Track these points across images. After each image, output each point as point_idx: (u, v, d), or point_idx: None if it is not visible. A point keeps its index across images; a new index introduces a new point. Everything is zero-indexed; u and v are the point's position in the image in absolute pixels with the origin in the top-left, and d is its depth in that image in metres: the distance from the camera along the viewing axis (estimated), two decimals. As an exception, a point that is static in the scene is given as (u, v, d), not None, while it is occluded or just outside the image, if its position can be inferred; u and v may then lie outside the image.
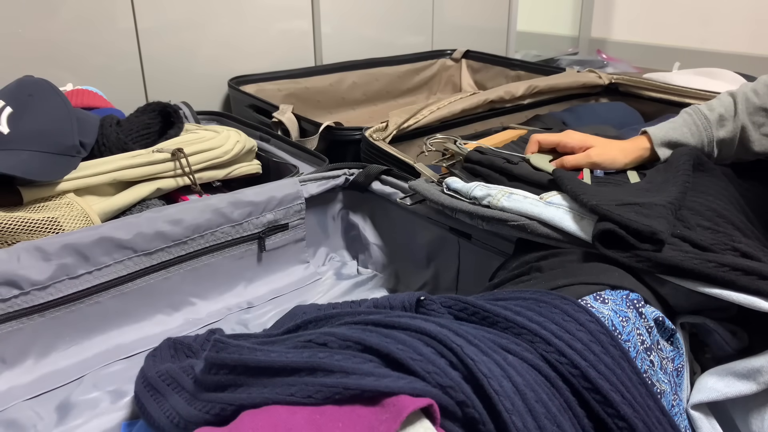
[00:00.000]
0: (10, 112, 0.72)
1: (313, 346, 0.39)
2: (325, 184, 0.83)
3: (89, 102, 0.96)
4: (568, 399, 0.38)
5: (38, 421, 0.57)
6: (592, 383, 0.38)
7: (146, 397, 0.48)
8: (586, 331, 0.40)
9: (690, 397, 0.48)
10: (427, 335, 0.38)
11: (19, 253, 0.59)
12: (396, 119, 0.97)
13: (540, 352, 0.39)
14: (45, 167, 0.70)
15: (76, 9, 1.08)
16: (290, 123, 1.05)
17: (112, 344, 0.66)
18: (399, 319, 0.40)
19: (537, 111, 1.21)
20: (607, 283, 0.48)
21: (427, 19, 1.70)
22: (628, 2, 2.44)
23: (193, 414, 0.40)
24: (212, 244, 0.72)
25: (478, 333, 0.40)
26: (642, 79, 1.25)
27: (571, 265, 0.51)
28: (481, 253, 0.71)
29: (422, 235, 0.79)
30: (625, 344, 0.42)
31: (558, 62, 2.18)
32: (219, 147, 0.83)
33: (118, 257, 0.64)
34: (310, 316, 0.47)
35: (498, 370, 0.36)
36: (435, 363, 0.35)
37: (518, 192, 0.60)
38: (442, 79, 1.67)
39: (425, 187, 0.70)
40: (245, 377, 0.39)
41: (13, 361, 0.60)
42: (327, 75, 1.42)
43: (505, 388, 0.35)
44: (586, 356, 0.39)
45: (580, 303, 0.43)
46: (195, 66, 1.27)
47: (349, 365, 0.35)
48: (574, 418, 0.37)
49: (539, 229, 0.55)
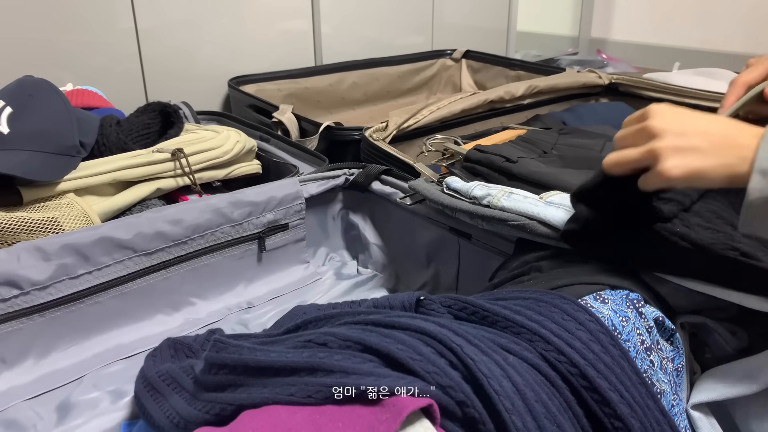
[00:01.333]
0: (10, 112, 0.72)
1: (313, 346, 0.39)
2: (325, 184, 0.83)
3: (89, 102, 0.96)
4: (567, 398, 0.38)
5: (38, 421, 0.57)
6: (591, 382, 0.38)
7: (146, 397, 0.48)
8: (586, 330, 0.40)
9: (690, 397, 0.48)
10: (427, 335, 0.38)
11: (19, 253, 0.59)
12: (396, 119, 0.97)
13: (539, 351, 0.39)
14: (45, 167, 0.70)
15: (76, 9, 1.08)
16: (290, 123, 1.05)
17: (112, 344, 0.66)
18: (399, 319, 0.40)
19: (537, 111, 1.21)
20: (607, 283, 0.48)
21: (427, 19, 1.70)
22: (628, 2, 2.44)
23: (193, 414, 0.40)
24: (212, 244, 0.72)
25: (477, 332, 0.40)
26: (642, 79, 1.25)
27: (571, 265, 0.51)
28: (481, 253, 0.71)
29: (422, 235, 0.79)
30: (624, 344, 0.42)
31: (558, 62, 2.18)
32: (219, 147, 0.83)
33: (118, 257, 0.64)
34: (310, 316, 0.47)
35: (498, 369, 0.36)
36: (435, 363, 0.35)
37: (518, 192, 0.60)
38: (442, 79, 1.67)
39: (425, 186, 0.70)
40: (245, 377, 0.39)
41: (13, 361, 0.60)
42: (327, 75, 1.42)
43: (504, 388, 0.35)
44: (585, 355, 0.39)
45: (579, 302, 0.43)
46: (195, 66, 1.27)
47: (349, 365, 0.35)
48: (574, 418, 0.37)
49: (539, 229, 0.55)
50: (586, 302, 0.45)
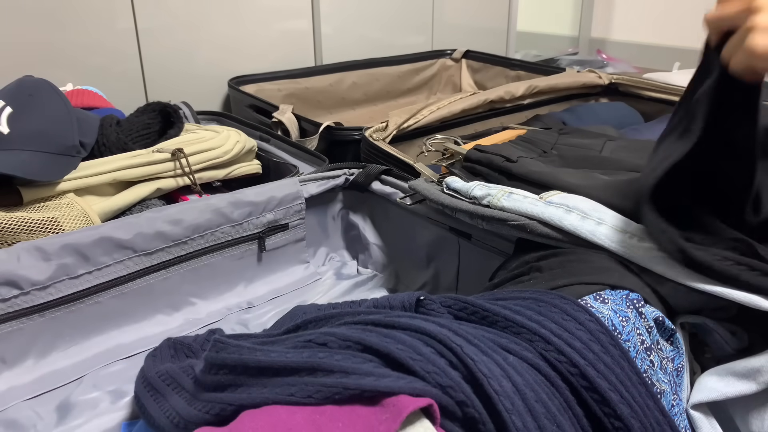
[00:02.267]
0: (10, 112, 0.72)
1: (313, 345, 0.39)
2: (325, 184, 0.83)
3: (89, 102, 0.96)
4: (567, 398, 0.38)
5: (38, 421, 0.57)
6: (591, 382, 0.38)
7: (146, 397, 0.48)
8: (586, 330, 0.40)
9: (690, 397, 0.48)
10: (427, 335, 0.38)
11: (19, 253, 0.59)
12: (396, 119, 0.97)
13: (539, 351, 0.39)
14: (45, 167, 0.70)
15: (76, 9, 1.08)
16: (290, 123, 1.05)
17: (112, 344, 0.66)
18: (399, 319, 0.40)
19: (537, 111, 1.21)
20: (607, 282, 0.48)
21: (427, 19, 1.70)
22: (628, 2, 2.44)
23: (193, 414, 0.40)
24: (212, 244, 0.72)
25: (477, 332, 0.40)
26: (642, 79, 1.25)
27: (571, 265, 0.51)
28: (481, 253, 0.71)
29: (422, 235, 0.79)
30: (624, 344, 0.42)
31: (558, 62, 2.18)
32: (219, 147, 0.83)
33: (118, 257, 0.64)
34: (310, 316, 0.47)
35: (498, 369, 0.36)
36: (435, 363, 0.35)
37: (518, 191, 0.60)
38: (442, 79, 1.67)
39: (425, 186, 0.70)
40: (245, 377, 0.39)
41: (13, 361, 0.60)
42: (327, 75, 1.42)
43: (504, 388, 0.35)
44: (585, 355, 0.39)
45: (579, 302, 0.43)
46: (195, 66, 1.27)
47: (349, 365, 0.35)
48: (574, 418, 0.37)
49: (539, 229, 0.55)
50: (586, 302, 0.45)
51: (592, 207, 0.55)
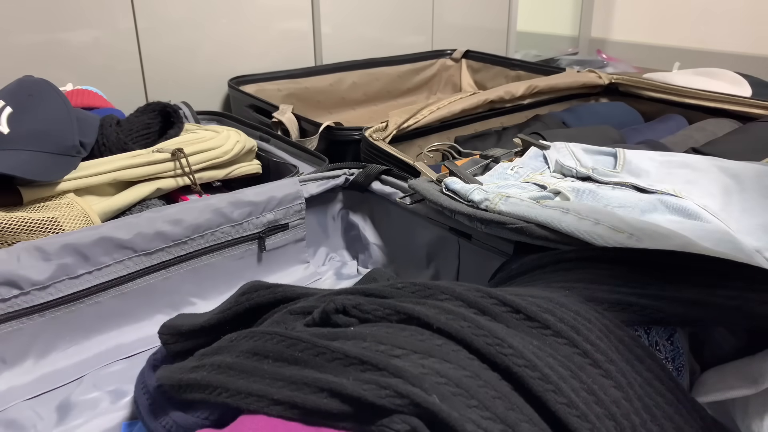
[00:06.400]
0: (10, 112, 0.72)
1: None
2: (325, 184, 0.83)
3: (89, 102, 0.96)
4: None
5: (38, 421, 0.57)
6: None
7: (144, 405, 0.47)
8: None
9: (690, 397, 0.48)
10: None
11: (19, 253, 0.59)
12: (396, 119, 0.97)
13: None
14: (45, 167, 0.70)
15: (76, 9, 1.08)
16: (290, 123, 1.05)
17: (112, 344, 0.66)
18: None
19: (537, 111, 1.21)
20: (605, 286, 0.48)
21: (427, 19, 1.70)
22: (628, 2, 2.44)
23: (190, 421, 0.40)
24: (212, 244, 0.72)
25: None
26: (642, 79, 1.25)
27: (570, 269, 0.51)
28: (482, 253, 0.71)
29: (422, 235, 0.79)
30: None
31: (558, 62, 2.18)
32: (219, 147, 0.83)
33: (118, 257, 0.64)
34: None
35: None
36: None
37: (515, 195, 0.60)
38: (442, 79, 1.67)
39: (425, 186, 0.70)
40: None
41: (13, 361, 0.60)
42: (327, 75, 1.42)
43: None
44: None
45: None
46: (195, 66, 1.27)
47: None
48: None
49: (537, 232, 0.55)
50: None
51: (589, 208, 0.55)
